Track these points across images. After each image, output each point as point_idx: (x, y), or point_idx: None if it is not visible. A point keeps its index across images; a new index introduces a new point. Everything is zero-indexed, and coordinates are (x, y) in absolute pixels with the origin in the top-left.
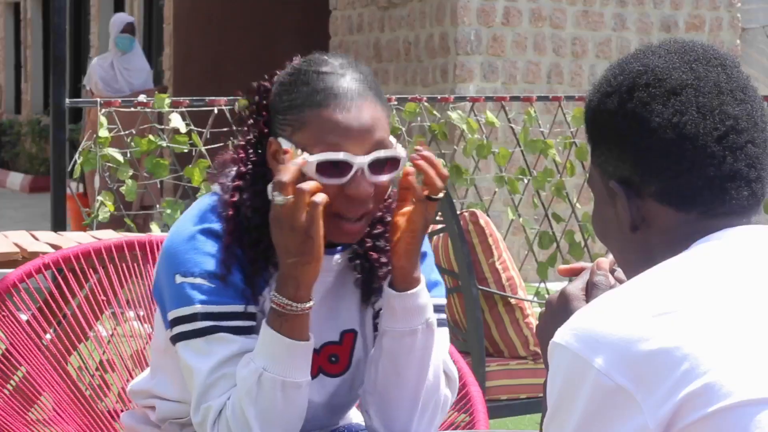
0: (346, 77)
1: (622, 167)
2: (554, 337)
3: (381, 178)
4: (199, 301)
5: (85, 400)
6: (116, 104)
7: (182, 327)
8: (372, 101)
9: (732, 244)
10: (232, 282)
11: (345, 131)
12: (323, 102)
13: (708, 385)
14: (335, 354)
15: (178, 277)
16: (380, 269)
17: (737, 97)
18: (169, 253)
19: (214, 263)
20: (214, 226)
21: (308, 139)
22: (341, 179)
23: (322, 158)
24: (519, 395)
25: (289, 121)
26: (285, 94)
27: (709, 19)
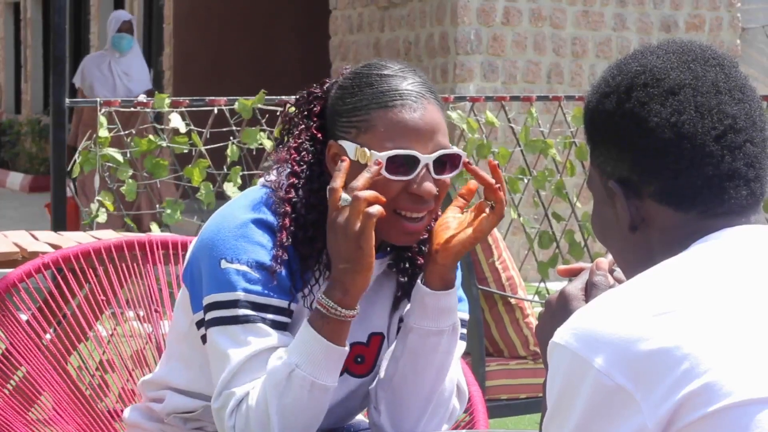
0: (408, 79)
1: (620, 167)
2: (554, 337)
3: (444, 177)
4: (243, 289)
5: (85, 400)
6: (116, 104)
7: (220, 312)
8: (433, 103)
9: (731, 244)
10: (279, 276)
11: (412, 131)
12: (389, 103)
13: (708, 385)
14: (361, 355)
15: (223, 262)
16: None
17: (735, 96)
18: (216, 238)
19: (265, 254)
20: (267, 217)
21: (375, 139)
22: (408, 176)
23: (393, 153)
24: (519, 395)
25: (354, 123)
26: (348, 96)
27: (709, 19)
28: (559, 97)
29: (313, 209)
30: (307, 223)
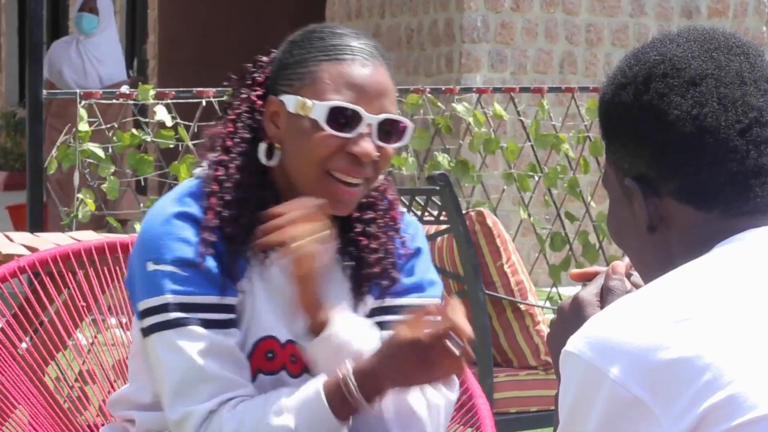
0: (361, 39)
1: (638, 163)
2: (567, 346)
3: (387, 145)
4: (171, 291)
5: (63, 414)
6: (97, 96)
7: (153, 318)
8: (385, 69)
9: (757, 246)
10: (207, 270)
11: (360, 87)
12: (339, 55)
13: (731, 397)
14: None
15: (150, 264)
16: (369, 257)
17: (761, 87)
18: (142, 238)
19: (189, 250)
20: (191, 209)
21: (320, 91)
22: (348, 134)
23: (336, 105)
24: (529, 408)
25: (299, 74)
26: (297, 48)
27: (734, 4)
28: (573, 89)
29: (239, 186)
30: (232, 201)
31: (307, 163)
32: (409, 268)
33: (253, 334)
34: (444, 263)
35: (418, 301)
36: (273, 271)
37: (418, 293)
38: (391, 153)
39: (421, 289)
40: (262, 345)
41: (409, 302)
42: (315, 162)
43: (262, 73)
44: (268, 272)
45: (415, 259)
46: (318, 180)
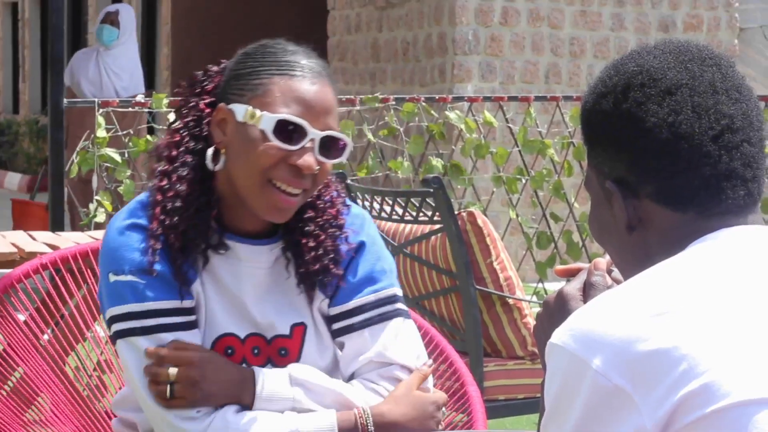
0: (312, 58)
1: (618, 168)
2: (552, 338)
3: (327, 160)
4: (133, 299)
5: (82, 401)
6: (114, 104)
7: (119, 325)
8: (331, 88)
9: (728, 244)
10: (163, 276)
11: (308, 103)
12: (291, 72)
13: (706, 385)
14: (285, 347)
15: (111, 275)
16: (308, 254)
17: (732, 96)
18: (102, 251)
19: (142, 258)
20: (140, 220)
21: (270, 103)
22: (293, 146)
23: (284, 117)
24: (517, 395)
25: (251, 85)
26: (250, 60)
27: (707, 18)
28: (557, 97)
29: (180, 196)
30: (172, 211)
31: (250, 170)
32: (355, 264)
33: (211, 334)
34: (437, 260)
35: (373, 297)
36: (222, 274)
37: (371, 286)
38: (329, 168)
39: (373, 281)
40: (220, 342)
41: (365, 301)
42: (258, 170)
43: (212, 82)
44: (217, 273)
45: (360, 255)
46: (259, 187)
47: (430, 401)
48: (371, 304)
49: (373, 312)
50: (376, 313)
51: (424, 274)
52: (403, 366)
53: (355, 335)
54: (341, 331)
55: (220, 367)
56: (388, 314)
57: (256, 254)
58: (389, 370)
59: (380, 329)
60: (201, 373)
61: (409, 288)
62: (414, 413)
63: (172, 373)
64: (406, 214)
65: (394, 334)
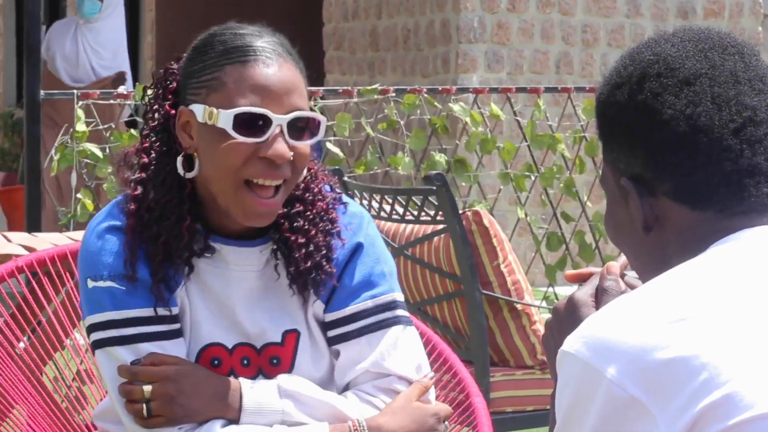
0: (264, 37)
1: (633, 163)
2: (563, 346)
3: (300, 143)
4: (112, 306)
5: (61, 413)
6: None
7: (98, 334)
8: (291, 64)
9: (751, 246)
10: (143, 283)
11: (265, 88)
12: (242, 58)
13: (728, 396)
14: (276, 356)
15: (89, 281)
16: (298, 251)
17: (756, 87)
18: (81, 257)
19: (122, 263)
20: (117, 223)
21: (226, 97)
22: (259, 138)
23: (240, 110)
24: (525, 407)
25: (204, 82)
26: (199, 55)
27: (729, 4)
28: (569, 89)
29: (157, 205)
30: (151, 220)
31: (222, 172)
32: (353, 267)
33: (196, 344)
34: (441, 263)
35: (371, 303)
36: (208, 280)
37: (369, 291)
38: (305, 150)
39: (372, 286)
40: (206, 353)
41: (363, 307)
42: (229, 171)
43: (174, 80)
44: (203, 279)
45: (357, 257)
46: (234, 191)
47: (431, 413)
48: (369, 310)
49: (371, 319)
50: (374, 320)
51: (426, 278)
52: (401, 377)
53: (351, 343)
54: (337, 339)
55: (201, 380)
56: (387, 321)
57: (244, 256)
58: (387, 382)
59: (378, 337)
60: (178, 387)
61: (410, 292)
62: (413, 426)
63: (147, 391)
64: (407, 214)
65: (393, 343)
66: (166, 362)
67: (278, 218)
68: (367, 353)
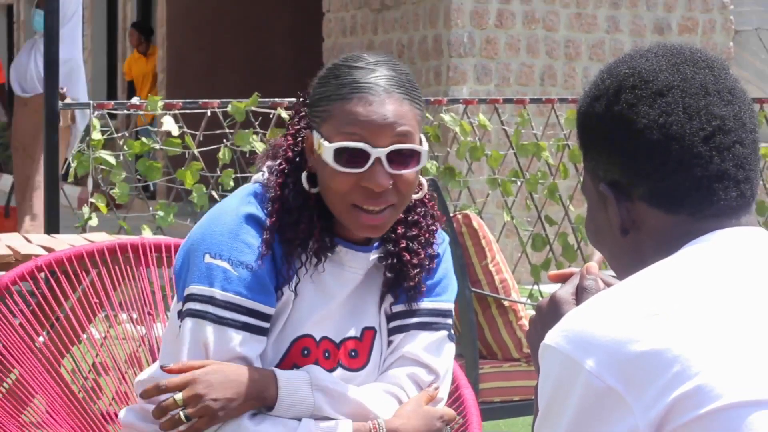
0: (376, 72)
1: (611, 170)
2: (545, 339)
3: (402, 172)
4: (221, 287)
5: (78, 403)
6: (109, 106)
7: (197, 305)
8: (398, 97)
9: (721, 246)
10: (259, 276)
11: (365, 123)
12: (347, 95)
13: (699, 387)
14: (355, 349)
15: (207, 256)
16: (410, 271)
17: (724, 98)
18: (206, 232)
19: (250, 253)
20: (257, 212)
21: (332, 130)
22: (359, 169)
23: (339, 145)
24: (512, 397)
25: (319, 112)
26: (318, 87)
27: (702, 21)
28: (552, 100)
29: (298, 195)
30: (292, 207)
31: (332, 195)
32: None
33: (293, 332)
34: None
35: (431, 305)
36: (325, 278)
37: (434, 296)
38: (409, 177)
39: (439, 292)
40: (299, 343)
41: (426, 306)
42: (336, 195)
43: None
44: (320, 277)
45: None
46: (345, 211)
47: (438, 416)
48: (429, 310)
49: (428, 318)
50: (431, 320)
51: None
52: (431, 371)
53: (407, 334)
54: (396, 330)
55: (230, 375)
56: (440, 325)
57: (357, 259)
58: (417, 373)
59: (428, 335)
60: (206, 385)
61: None
62: (424, 428)
63: (178, 399)
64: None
65: (438, 345)
66: (193, 366)
67: (397, 235)
68: (413, 342)
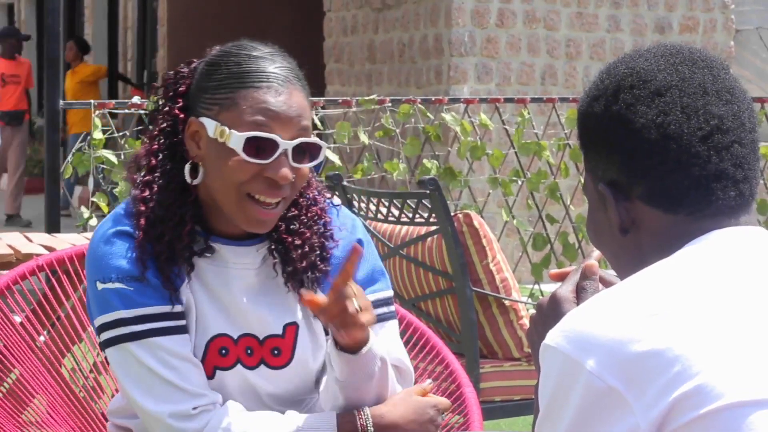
0: (276, 63)
1: (610, 170)
2: (546, 339)
3: (302, 165)
4: (122, 306)
5: (78, 402)
6: (110, 106)
7: (109, 333)
8: (300, 90)
9: (720, 246)
10: (151, 282)
11: (275, 114)
12: (256, 83)
13: (700, 387)
14: (278, 347)
15: (98, 284)
16: (294, 251)
17: (723, 97)
18: (89, 259)
19: (130, 265)
20: (125, 227)
21: (237, 118)
22: (265, 160)
23: (252, 135)
24: (513, 397)
25: (218, 100)
26: (215, 73)
27: (703, 20)
28: (553, 99)
29: (161, 206)
30: (156, 220)
31: (227, 185)
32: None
33: (204, 335)
34: (434, 262)
35: (372, 298)
36: (210, 278)
37: (371, 287)
38: (306, 172)
39: (373, 282)
40: (214, 343)
41: None
42: (233, 185)
43: (183, 84)
44: (205, 278)
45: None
46: (237, 201)
47: (430, 404)
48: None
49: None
50: (378, 312)
51: (420, 276)
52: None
53: None
54: None
55: None
56: (386, 315)
57: (242, 256)
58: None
59: (384, 332)
60: None
61: (405, 289)
62: (413, 416)
63: None
64: (403, 216)
65: (393, 336)
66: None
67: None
68: None
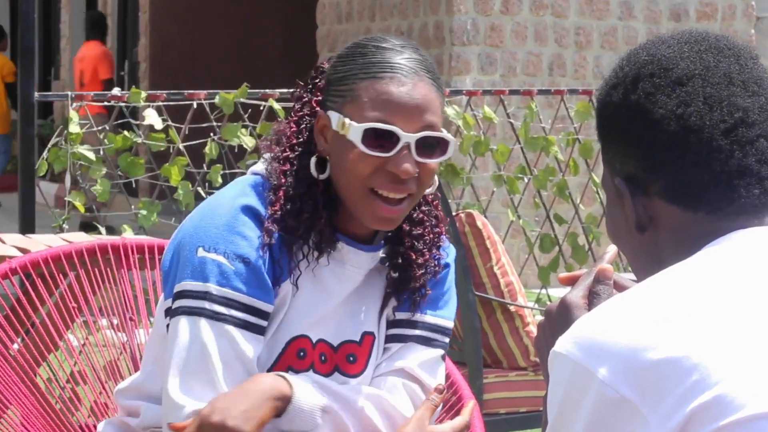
0: (404, 54)
1: (627, 163)
2: (555, 346)
3: (427, 160)
4: (217, 281)
5: (55, 414)
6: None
7: (189, 301)
8: (428, 82)
9: (743, 247)
10: (257, 270)
11: (397, 105)
12: (378, 74)
13: (719, 397)
14: (353, 354)
15: (200, 250)
16: (416, 271)
17: (750, 89)
18: (199, 225)
19: (247, 246)
20: (255, 205)
21: (359, 110)
22: (387, 153)
23: (370, 126)
24: (519, 408)
25: (342, 91)
26: (341, 65)
27: (722, 7)
28: (562, 91)
29: (301, 183)
30: (294, 196)
31: (350, 179)
32: (433, 281)
33: (288, 332)
34: None
35: (433, 320)
36: (325, 274)
37: (437, 310)
38: (433, 167)
39: (442, 306)
40: (295, 343)
41: (428, 320)
42: (357, 179)
43: (323, 79)
44: (321, 273)
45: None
46: (361, 197)
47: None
48: (431, 325)
49: (429, 333)
50: (431, 335)
51: None
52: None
53: (404, 346)
54: (394, 338)
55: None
56: (438, 343)
57: (360, 258)
58: (414, 388)
59: (426, 352)
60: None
61: None
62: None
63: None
64: None
65: (433, 363)
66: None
67: (402, 233)
68: (410, 356)
